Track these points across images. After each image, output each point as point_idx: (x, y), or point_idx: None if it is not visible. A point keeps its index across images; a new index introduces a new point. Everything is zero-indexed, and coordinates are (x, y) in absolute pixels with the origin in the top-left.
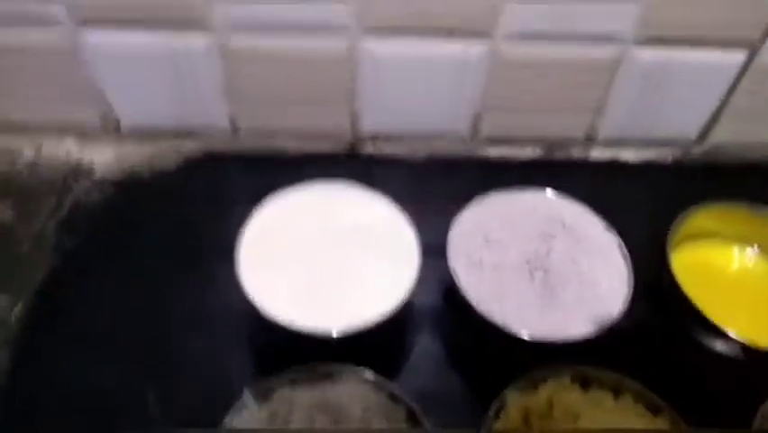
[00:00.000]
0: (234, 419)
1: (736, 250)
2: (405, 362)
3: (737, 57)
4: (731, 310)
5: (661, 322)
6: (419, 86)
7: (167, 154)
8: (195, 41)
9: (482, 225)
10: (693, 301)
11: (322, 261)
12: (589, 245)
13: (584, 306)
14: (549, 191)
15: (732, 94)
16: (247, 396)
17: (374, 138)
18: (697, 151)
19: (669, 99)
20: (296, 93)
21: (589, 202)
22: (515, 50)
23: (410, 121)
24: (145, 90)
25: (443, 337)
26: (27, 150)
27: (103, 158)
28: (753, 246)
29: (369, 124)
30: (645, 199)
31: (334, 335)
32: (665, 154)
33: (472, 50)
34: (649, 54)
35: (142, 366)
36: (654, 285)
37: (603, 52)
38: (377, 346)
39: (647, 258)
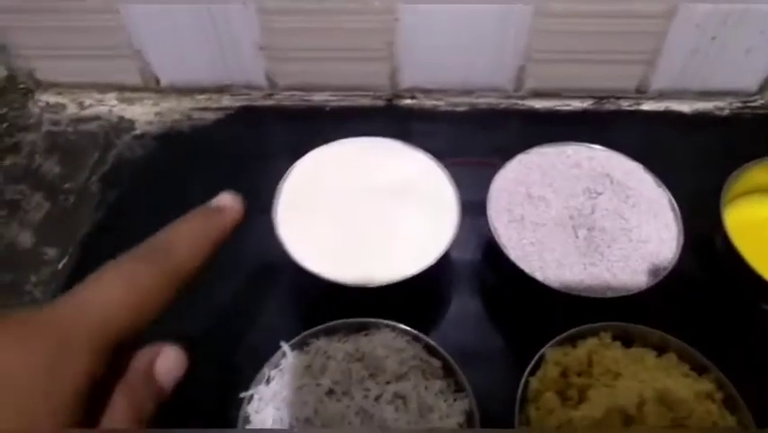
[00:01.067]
0: (272, 371)
1: None
2: (443, 317)
3: None
4: None
5: (712, 281)
6: (461, 38)
7: (206, 109)
8: None
9: (524, 181)
10: (747, 260)
11: (360, 215)
12: (639, 201)
13: (631, 263)
14: (596, 146)
15: None
16: (284, 348)
17: (414, 92)
18: (757, 103)
19: (726, 50)
20: (333, 48)
21: (639, 156)
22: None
23: (451, 74)
24: (182, 47)
25: (482, 294)
26: (71, 107)
27: (144, 114)
28: None
29: (409, 78)
30: (700, 153)
31: (372, 287)
32: (722, 107)
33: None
34: (705, 5)
35: (182, 319)
36: (708, 242)
37: (657, 1)
38: (415, 301)
39: (701, 215)
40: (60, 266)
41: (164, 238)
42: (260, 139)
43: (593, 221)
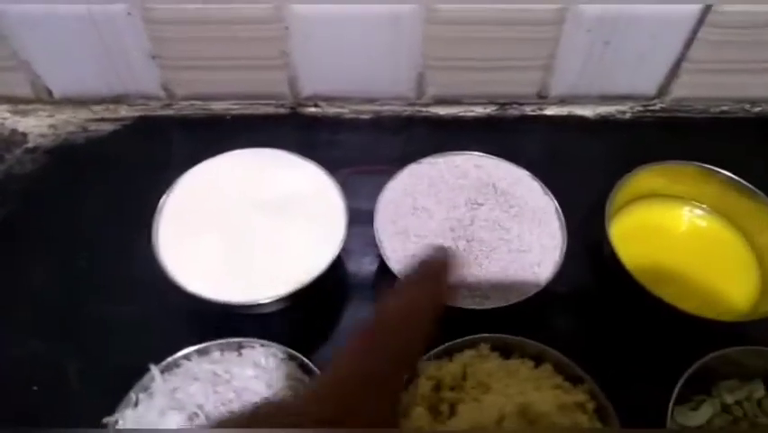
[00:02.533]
0: (140, 394)
1: (685, 210)
2: (334, 333)
3: (692, 8)
4: (675, 273)
5: (599, 289)
6: (354, 45)
7: (103, 120)
8: (114, 6)
9: (412, 192)
10: (628, 268)
11: (244, 229)
12: (522, 211)
13: (510, 273)
14: (486, 155)
15: (689, 47)
16: (153, 371)
17: (316, 100)
18: (657, 107)
19: (620, 55)
20: (229, 57)
21: (543, 161)
22: (448, 7)
23: (351, 82)
24: (70, 57)
25: (372, 301)
26: None
27: (37, 126)
28: (702, 206)
29: (309, 86)
30: (602, 158)
31: (253, 304)
32: (624, 110)
33: (404, 6)
34: (594, 9)
35: (64, 337)
36: (597, 249)
37: (545, 8)
38: (304, 317)
39: (596, 221)
40: None
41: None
42: (158, 150)
43: (472, 232)
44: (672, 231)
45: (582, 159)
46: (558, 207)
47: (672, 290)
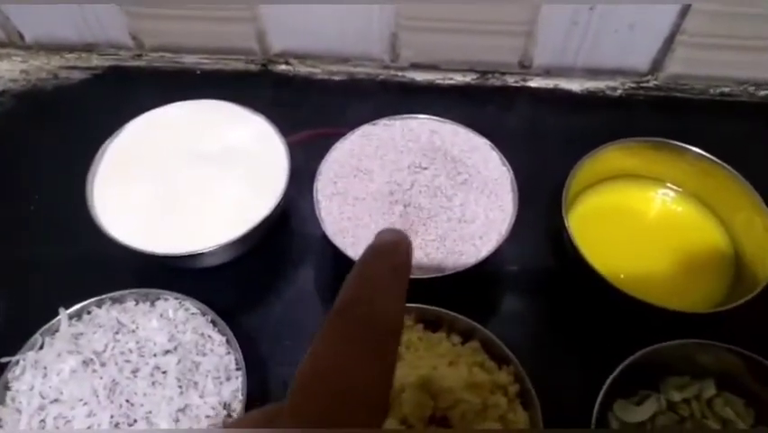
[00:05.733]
0: (46, 337)
1: (656, 191)
2: (269, 293)
3: None
4: (642, 258)
5: (550, 270)
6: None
7: (74, 69)
8: None
9: (358, 153)
10: (584, 249)
11: (181, 178)
12: (472, 180)
13: (448, 243)
14: (447, 120)
15: (685, 17)
16: (61, 315)
17: (287, 57)
18: (651, 84)
19: (608, 24)
20: (196, 7)
21: (518, 134)
22: None
23: (322, 39)
24: (42, 1)
25: (315, 263)
26: None
27: (9, 71)
28: (675, 188)
29: (278, 42)
30: (585, 135)
31: (181, 255)
32: (615, 86)
33: None
34: None
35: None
36: (556, 230)
37: None
38: (236, 272)
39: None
40: None
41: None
42: (125, 100)
43: (410, 197)
44: (642, 213)
45: (562, 136)
46: (513, 180)
47: (638, 276)
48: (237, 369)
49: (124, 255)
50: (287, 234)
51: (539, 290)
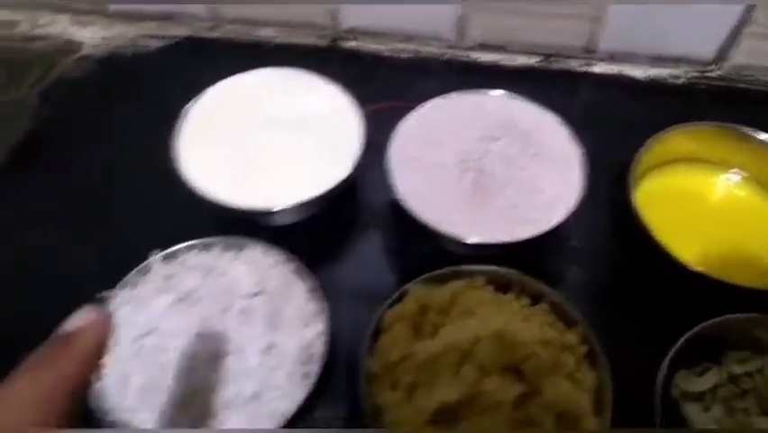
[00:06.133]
0: (137, 278)
1: (719, 176)
2: (338, 253)
3: None
4: (702, 239)
5: (614, 246)
6: None
7: (153, 37)
8: None
9: (430, 123)
10: (649, 225)
11: (262, 141)
12: (542, 152)
13: (519, 211)
14: (516, 96)
15: (753, 8)
16: (152, 257)
17: (356, 34)
18: (715, 74)
19: (678, 11)
20: None
21: (581, 118)
22: None
23: (392, 17)
24: None
25: (382, 230)
26: (24, 25)
27: (92, 38)
28: (734, 171)
29: (350, 18)
30: (646, 121)
31: (261, 211)
32: (678, 75)
33: None
34: None
35: (83, 224)
36: (621, 209)
37: None
38: (312, 235)
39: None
40: None
41: None
42: (199, 69)
43: (482, 165)
44: (705, 197)
45: (624, 121)
46: (583, 158)
47: (700, 256)
48: (318, 315)
49: (208, 209)
50: (355, 201)
51: (603, 264)
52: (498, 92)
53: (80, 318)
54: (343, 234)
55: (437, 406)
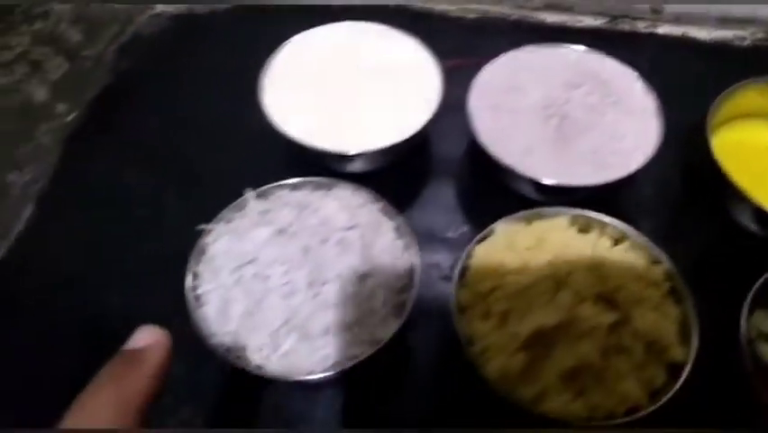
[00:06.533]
0: (233, 213)
1: None
2: (415, 198)
3: None
4: None
5: (689, 194)
6: None
7: None
8: None
9: (509, 72)
10: (725, 171)
11: (344, 88)
12: (621, 101)
13: (600, 156)
14: (593, 50)
15: None
16: (247, 195)
17: None
18: None
19: None
20: None
21: (647, 76)
22: None
23: None
24: None
25: (457, 178)
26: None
27: None
28: None
29: None
30: (710, 82)
31: (346, 155)
32: (743, 36)
33: None
34: None
35: (169, 173)
36: (693, 162)
37: None
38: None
39: (694, 139)
40: (68, 119)
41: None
42: (272, 27)
43: (566, 111)
44: None
45: (689, 81)
46: (659, 108)
47: None
48: (407, 249)
49: (291, 153)
50: (429, 152)
51: (677, 211)
52: (574, 45)
53: (145, 336)
54: (419, 182)
55: (533, 330)
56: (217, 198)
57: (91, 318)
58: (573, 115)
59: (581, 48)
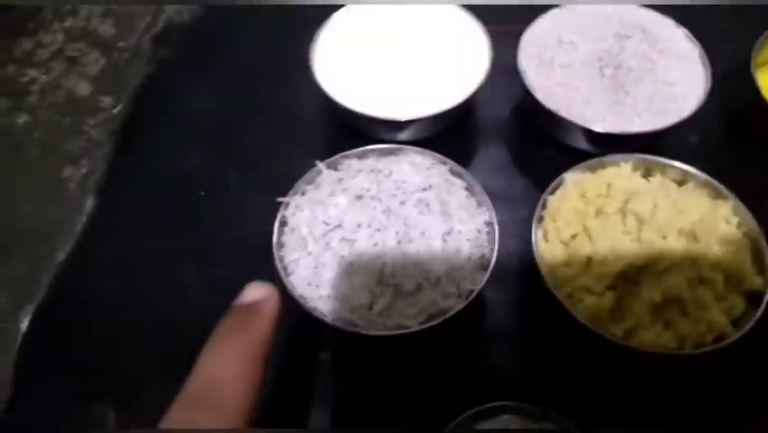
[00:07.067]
0: (306, 186)
1: None
2: (472, 160)
3: None
4: None
5: (737, 132)
6: None
7: None
8: None
9: (556, 29)
10: None
11: (394, 59)
12: (668, 48)
13: (656, 103)
14: (632, 4)
15: None
16: (320, 166)
17: None
18: None
19: None
20: None
21: (690, 20)
22: None
23: None
24: None
25: (509, 138)
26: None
27: None
28: None
29: None
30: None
31: (402, 121)
32: None
33: None
34: None
35: (226, 152)
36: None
37: None
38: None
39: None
40: (115, 111)
41: (208, 382)
42: (306, 8)
43: (620, 61)
44: None
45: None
46: (704, 54)
47: None
48: (480, 206)
49: (346, 124)
50: (478, 116)
51: (729, 153)
52: (614, 2)
53: (255, 292)
54: (472, 146)
55: (621, 269)
56: (280, 174)
57: (170, 297)
58: (627, 64)
59: (623, 4)
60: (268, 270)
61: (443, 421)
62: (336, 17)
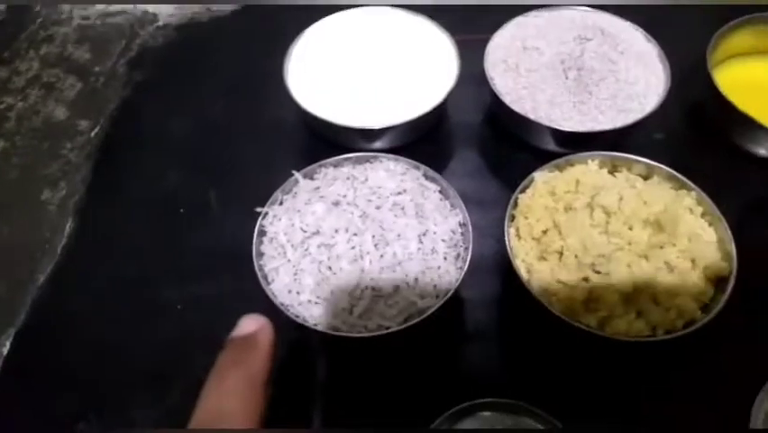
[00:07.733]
0: (284, 195)
1: None
2: (443, 167)
3: None
4: None
5: (697, 126)
6: None
7: (224, 2)
8: None
9: (520, 36)
10: (731, 100)
11: (366, 70)
12: (628, 49)
13: (618, 101)
14: (590, 8)
15: None
16: (296, 176)
17: None
18: None
19: None
20: None
21: (647, 21)
22: None
23: None
24: None
25: (480, 143)
26: (98, 3)
27: (165, 8)
28: None
29: None
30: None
31: (374, 129)
32: None
33: None
34: None
35: (205, 169)
36: (698, 100)
37: None
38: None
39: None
40: (93, 134)
41: (215, 416)
42: (275, 25)
43: (582, 62)
44: None
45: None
46: (662, 53)
47: None
48: (453, 208)
49: (320, 134)
50: (449, 123)
51: (690, 147)
52: (573, 6)
53: (250, 324)
54: (444, 152)
55: (592, 261)
56: (259, 187)
57: (152, 315)
58: (589, 65)
59: (582, 7)
60: (249, 282)
61: (427, 420)
62: (308, 33)
